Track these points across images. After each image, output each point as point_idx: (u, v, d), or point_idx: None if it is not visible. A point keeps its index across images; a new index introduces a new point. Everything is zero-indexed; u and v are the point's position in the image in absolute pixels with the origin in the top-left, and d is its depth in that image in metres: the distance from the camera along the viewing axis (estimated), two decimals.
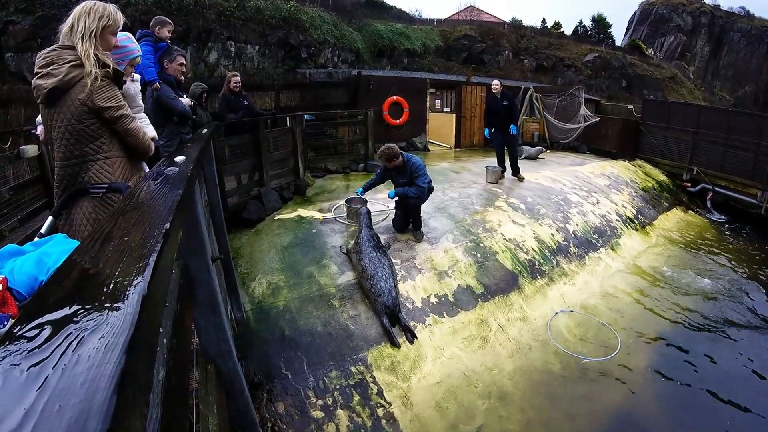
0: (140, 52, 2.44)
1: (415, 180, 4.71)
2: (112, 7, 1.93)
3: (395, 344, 3.70)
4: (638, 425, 3.48)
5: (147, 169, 2.26)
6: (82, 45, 1.81)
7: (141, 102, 2.61)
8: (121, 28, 2.08)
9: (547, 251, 5.62)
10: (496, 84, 7.35)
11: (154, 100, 3.55)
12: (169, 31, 3.80)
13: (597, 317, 4.80)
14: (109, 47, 1.95)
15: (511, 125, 7.23)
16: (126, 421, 0.36)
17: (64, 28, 1.86)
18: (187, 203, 1.37)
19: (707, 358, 4.31)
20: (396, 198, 4.93)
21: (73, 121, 1.83)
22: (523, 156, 9.97)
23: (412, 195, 4.73)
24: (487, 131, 7.54)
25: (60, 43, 1.85)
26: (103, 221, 0.88)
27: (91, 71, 1.79)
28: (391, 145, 4.75)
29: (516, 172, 7.65)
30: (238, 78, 5.92)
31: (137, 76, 2.61)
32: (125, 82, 2.15)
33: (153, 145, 2.20)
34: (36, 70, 1.81)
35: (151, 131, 2.48)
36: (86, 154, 1.91)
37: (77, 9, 1.86)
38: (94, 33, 1.84)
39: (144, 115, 2.60)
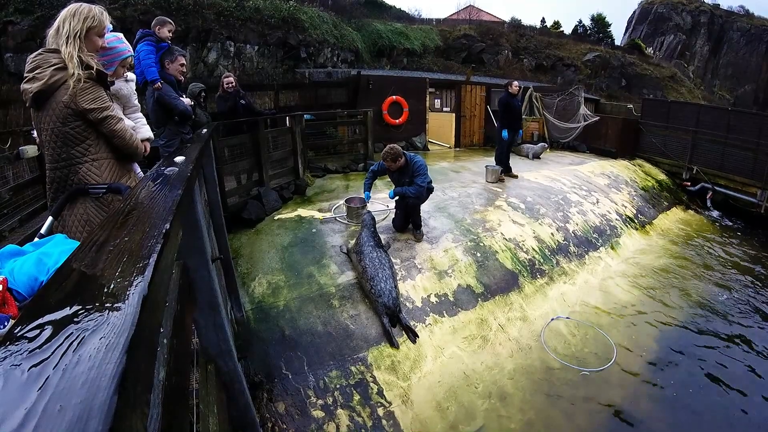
0: (131, 53, 2.40)
1: (415, 178, 4.71)
2: (97, 9, 1.92)
3: (394, 345, 3.70)
4: (638, 425, 3.49)
5: (138, 171, 2.24)
6: (66, 47, 1.80)
7: (136, 102, 2.59)
8: (110, 29, 2.06)
9: (547, 250, 5.62)
10: (516, 84, 7.63)
11: (156, 100, 3.55)
12: (169, 31, 3.80)
13: (596, 318, 4.80)
14: (95, 48, 1.94)
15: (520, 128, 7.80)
16: (127, 422, 0.37)
17: (51, 31, 1.85)
18: (187, 203, 1.37)
19: (707, 357, 4.31)
20: (396, 198, 4.94)
21: (59, 124, 1.82)
22: (529, 154, 10.04)
23: (410, 194, 4.73)
24: (505, 132, 7.43)
25: (46, 47, 1.84)
26: (103, 222, 0.88)
27: (74, 73, 1.78)
28: (394, 146, 4.72)
29: (510, 169, 7.98)
30: (230, 78, 5.89)
31: (131, 77, 2.58)
32: (112, 83, 2.13)
33: (143, 146, 2.16)
34: (24, 74, 1.81)
35: (146, 132, 2.46)
36: (73, 156, 1.90)
37: (63, 12, 1.85)
38: (78, 35, 1.82)
39: (140, 115, 2.59)
